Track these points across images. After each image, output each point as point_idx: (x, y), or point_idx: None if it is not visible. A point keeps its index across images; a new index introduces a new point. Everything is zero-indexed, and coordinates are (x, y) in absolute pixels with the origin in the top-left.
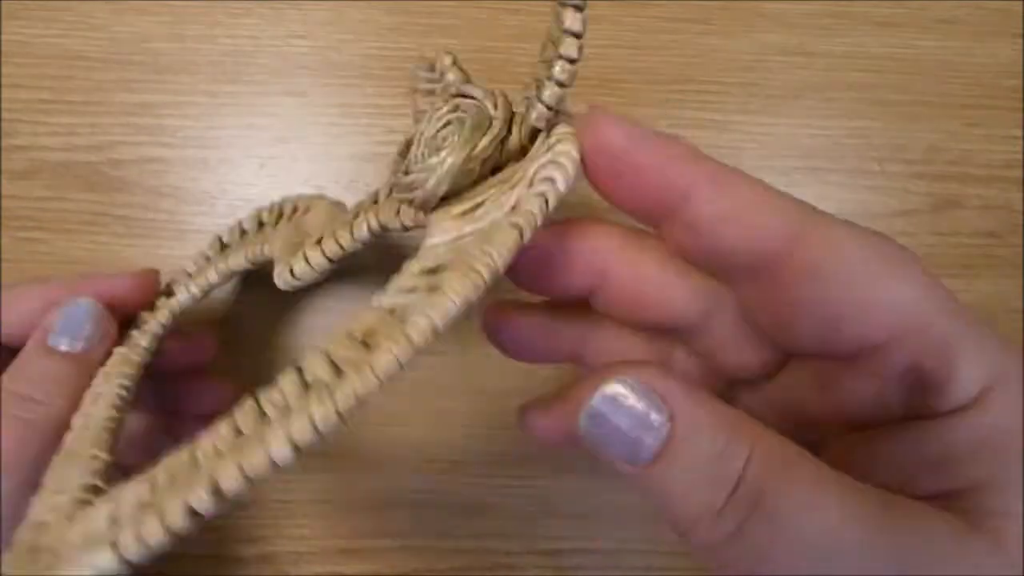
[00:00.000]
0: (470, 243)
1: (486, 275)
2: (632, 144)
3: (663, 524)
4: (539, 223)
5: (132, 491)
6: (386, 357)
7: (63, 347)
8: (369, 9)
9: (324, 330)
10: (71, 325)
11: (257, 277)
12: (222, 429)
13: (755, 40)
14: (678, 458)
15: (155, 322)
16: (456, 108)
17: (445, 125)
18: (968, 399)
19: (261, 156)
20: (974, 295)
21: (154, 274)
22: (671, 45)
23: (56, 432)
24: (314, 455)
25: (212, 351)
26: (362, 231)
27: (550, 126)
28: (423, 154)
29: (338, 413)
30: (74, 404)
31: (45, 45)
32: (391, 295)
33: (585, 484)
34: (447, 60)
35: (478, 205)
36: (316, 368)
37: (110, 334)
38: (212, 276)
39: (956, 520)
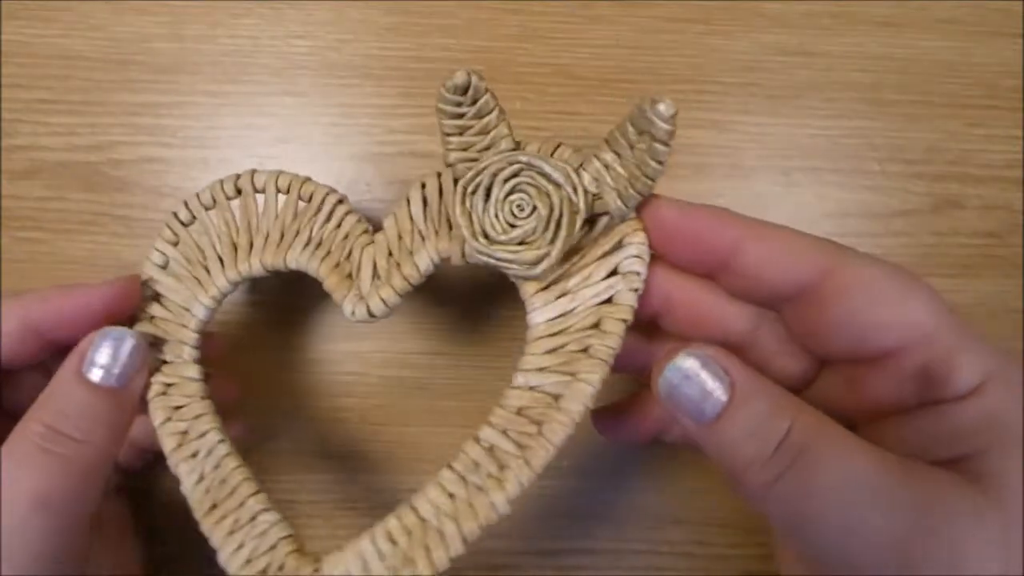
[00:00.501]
0: (582, 325)
1: (609, 362)
2: (683, 217)
3: (664, 525)
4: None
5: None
6: (558, 432)
7: (99, 379)
8: (369, 9)
9: (323, 331)
10: (109, 356)
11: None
12: (433, 493)
13: (755, 40)
14: (736, 418)
15: (187, 348)
16: (528, 175)
17: (513, 189)
18: (968, 390)
19: (261, 156)
20: (974, 295)
21: (135, 280)
22: (671, 45)
23: (96, 470)
24: (314, 455)
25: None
26: (427, 265)
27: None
28: (500, 222)
29: (535, 474)
30: (114, 441)
31: (45, 45)
32: (529, 375)
33: (585, 484)
34: (483, 91)
35: (565, 276)
36: (494, 439)
37: (148, 364)
38: (222, 284)
39: (962, 479)
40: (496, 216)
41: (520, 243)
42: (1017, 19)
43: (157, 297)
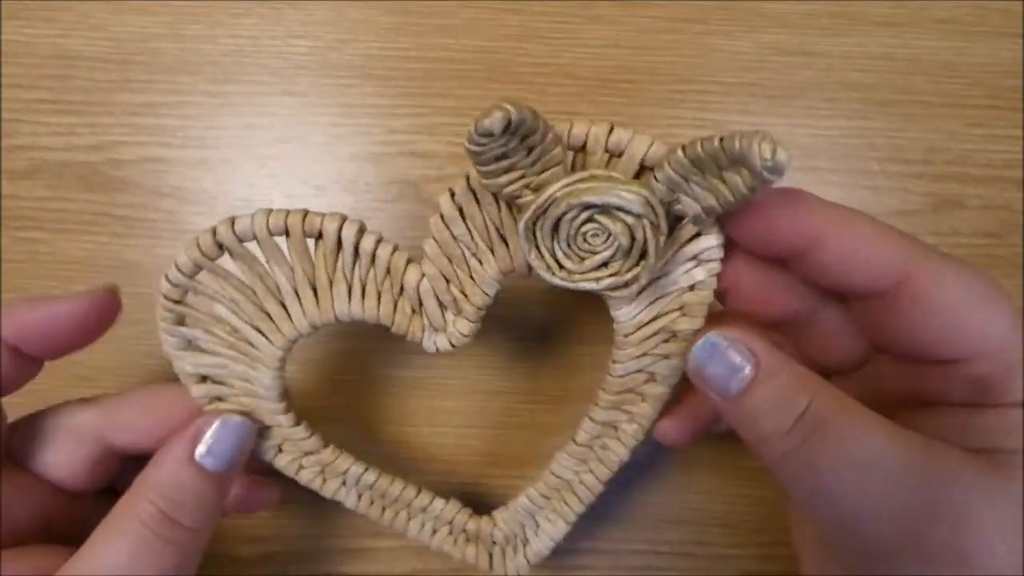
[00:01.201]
0: (668, 310)
1: (657, 410)
2: (762, 207)
3: (666, 526)
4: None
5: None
6: (659, 396)
7: (211, 467)
8: (369, 9)
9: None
10: (226, 445)
11: None
12: (566, 461)
13: (755, 40)
14: (759, 393)
15: (283, 412)
16: (599, 211)
17: (584, 222)
18: (1020, 400)
19: (261, 156)
20: None
21: (112, 291)
22: (671, 45)
23: (200, 552)
24: None
25: (273, 498)
26: (495, 288)
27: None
28: (575, 251)
29: (644, 431)
30: (215, 522)
31: (45, 45)
32: (628, 364)
33: None
34: (530, 120)
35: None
36: (605, 416)
37: (254, 442)
38: (276, 353)
39: (983, 463)
40: (569, 246)
41: (602, 265)
42: (1017, 19)
43: (204, 378)
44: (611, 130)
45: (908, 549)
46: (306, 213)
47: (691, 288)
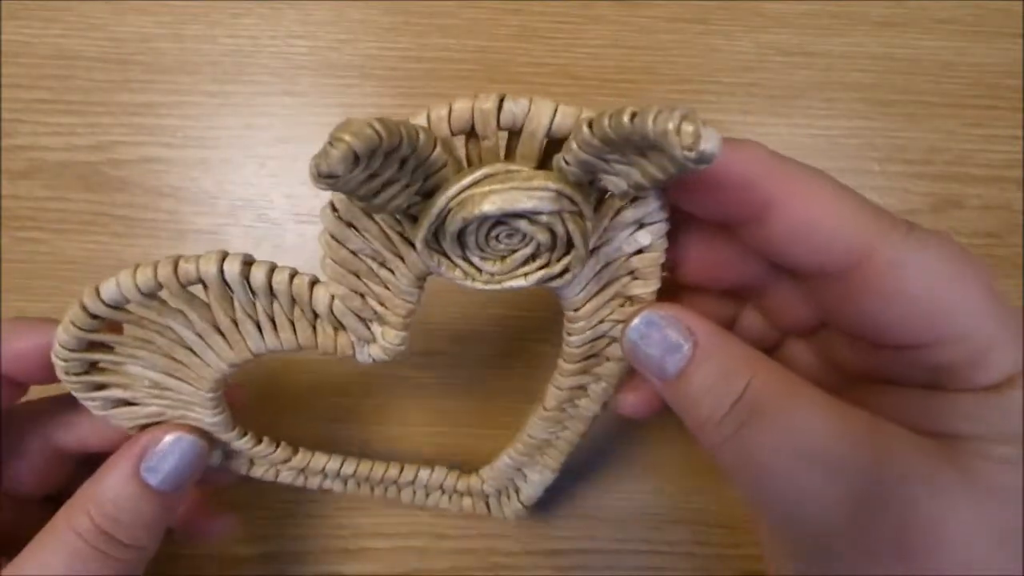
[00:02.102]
0: (618, 275)
1: (624, 369)
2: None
3: (665, 525)
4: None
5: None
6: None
7: (156, 484)
8: (369, 9)
9: None
10: (172, 466)
11: None
12: (538, 423)
13: (755, 40)
14: (695, 375)
15: (238, 438)
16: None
17: (499, 231)
18: (987, 386)
19: (261, 156)
20: None
21: (48, 332)
22: (671, 45)
23: (139, 569)
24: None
25: (230, 530)
26: (415, 294)
27: None
28: (491, 254)
29: (612, 388)
30: (158, 540)
31: (45, 45)
32: (584, 334)
33: (585, 484)
34: (396, 134)
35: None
36: (569, 382)
37: (205, 464)
38: (211, 374)
39: (932, 449)
40: (482, 250)
41: (528, 259)
42: (1017, 19)
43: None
44: (501, 103)
45: (852, 542)
46: (176, 262)
47: (639, 252)
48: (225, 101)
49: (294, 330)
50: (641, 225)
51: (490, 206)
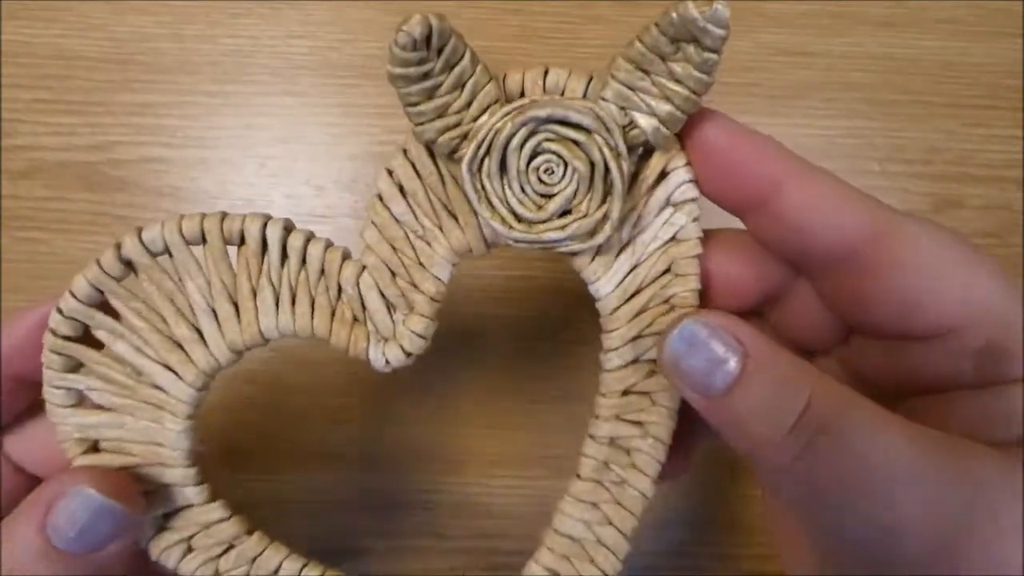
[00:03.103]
0: (654, 274)
1: (697, 305)
2: (728, 139)
3: (665, 526)
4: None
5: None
6: (672, 395)
7: (63, 545)
8: (369, 9)
9: None
10: (81, 524)
11: None
12: (573, 509)
13: (755, 40)
14: (748, 392)
15: (192, 482)
16: (546, 132)
17: (534, 153)
18: None
19: (261, 156)
20: None
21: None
22: None
23: None
24: (314, 455)
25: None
26: (448, 272)
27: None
28: (530, 196)
29: (666, 445)
30: None
31: (45, 45)
32: (622, 351)
33: None
34: (448, 33)
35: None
36: (610, 430)
37: (133, 526)
38: (189, 393)
39: (1013, 462)
40: (523, 190)
41: (564, 212)
42: (1017, 19)
43: (95, 446)
44: (546, 72)
45: (938, 569)
46: (224, 215)
47: (674, 239)
48: (225, 101)
49: (312, 308)
50: (673, 204)
51: (538, 110)
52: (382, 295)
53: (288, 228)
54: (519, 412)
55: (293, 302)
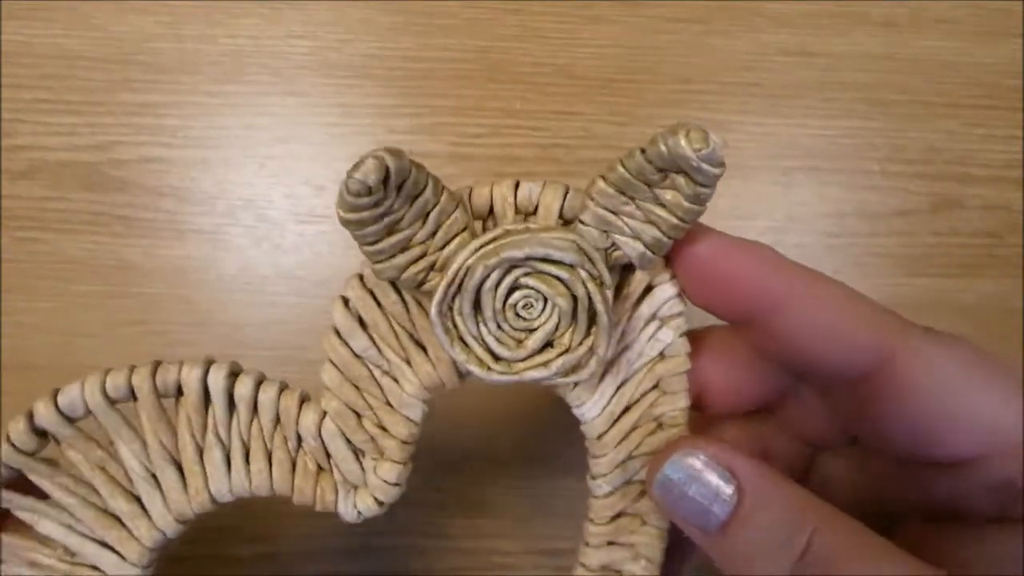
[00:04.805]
0: (642, 392)
1: (686, 424)
2: (718, 253)
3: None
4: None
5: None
6: (662, 521)
7: None
8: (369, 9)
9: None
10: None
11: None
12: None
13: (755, 40)
14: (747, 527)
15: None
16: (523, 268)
17: (510, 290)
18: None
19: (261, 156)
20: (974, 295)
21: None
22: (671, 45)
23: None
24: None
25: None
26: (421, 412)
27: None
28: (508, 332)
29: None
30: None
31: (45, 45)
32: (611, 477)
33: (585, 484)
34: (407, 168)
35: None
36: (602, 557)
37: None
38: (149, 535)
39: None
40: (499, 327)
41: (547, 345)
42: (1017, 19)
43: None
44: (517, 186)
45: None
46: (156, 366)
47: (661, 357)
48: (225, 101)
49: (269, 463)
50: (660, 320)
51: (510, 250)
52: (348, 442)
53: (234, 373)
54: (519, 412)
55: (247, 458)
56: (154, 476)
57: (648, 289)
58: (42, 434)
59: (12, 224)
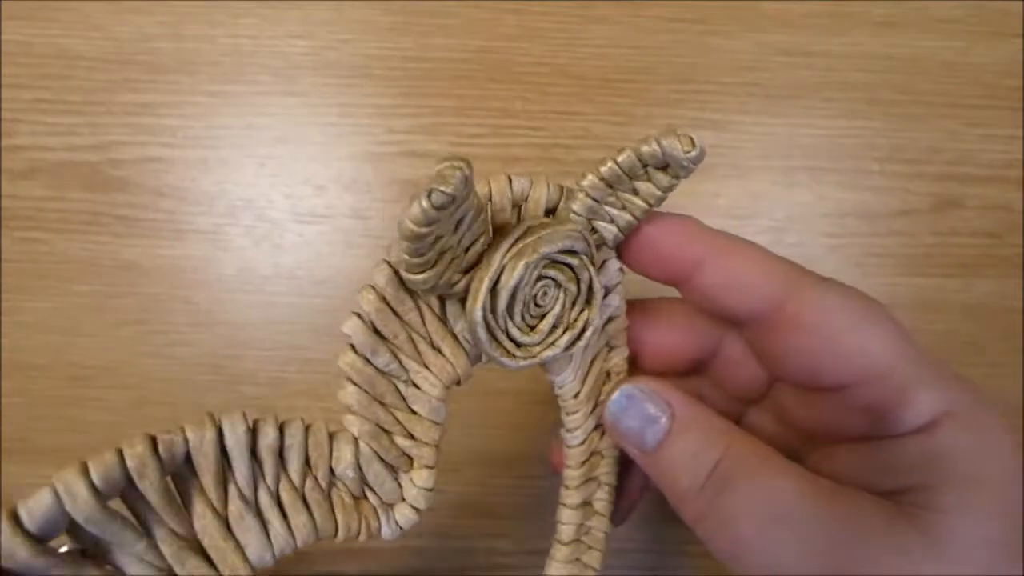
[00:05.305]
0: (597, 349)
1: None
2: (652, 228)
3: (664, 524)
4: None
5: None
6: (614, 466)
7: None
8: (369, 9)
9: (322, 330)
10: None
11: None
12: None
13: (755, 40)
14: (674, 447)
15: None
16: (555, 267)
17: (539, 288)
18: (917, 427)
19: (261, 156)
20: (974, 295)
21: None
22: (671, 45)
23: None
24: None
25: None
26: (443, 410)
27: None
28: (525, 322)
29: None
30: None
31: (45, 45)
32: (575, 492)
33: None
34: (466, 182)
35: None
36: (576, 517)
37: None
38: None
39: (894, 510)
40: (522, 318)
41: (555, 325)
42: (1017, 19)
43: None
44: (510, 180)
45: None
46: (152, 440)
47: (610, 319)
48: (225, 101)
49: (308, 510)
50: (608, 290)
51: (549, 245)
52: (383, 462)
53: (253, 429)
54: (519, 412)
55: (284, 514)
56: (172, 573)
57: (602, 264)
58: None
59: (12, 224)
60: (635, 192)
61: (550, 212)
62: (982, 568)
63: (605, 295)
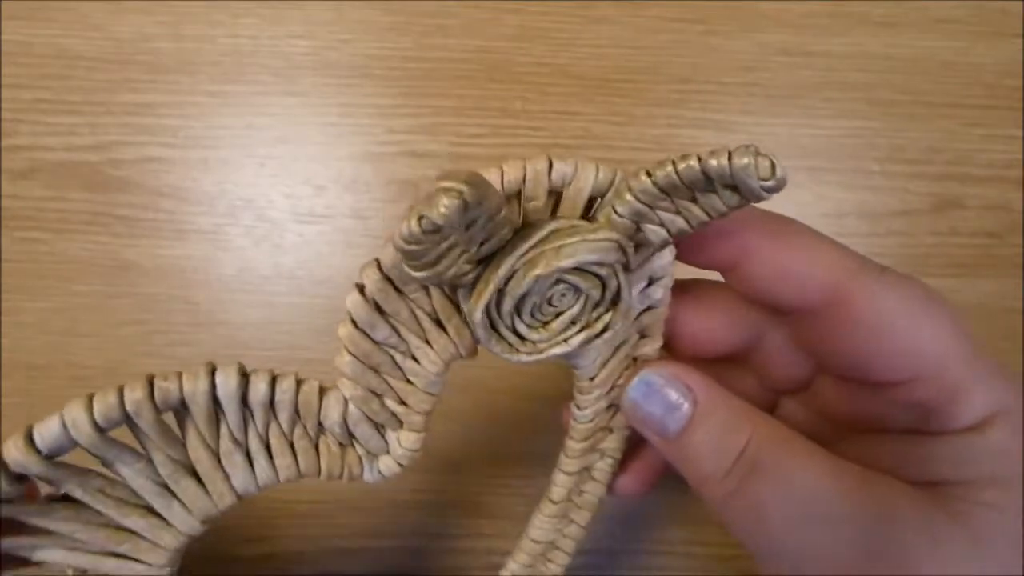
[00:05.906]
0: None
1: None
2: None
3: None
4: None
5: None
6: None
7: None
8: (369, 9)
9: (321, 330)
10: None
11: None
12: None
13: (755, 40)
14: (697, 433)
15: None
16: (578, 274)
17: (554, 291)
18: (968, 426)
19: (261, 156)
20: (974, 295)
21: None
22: (671, 45)
23: None
24: None
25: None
26: (439, 384)
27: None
28: (538, 319)
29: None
30: None
31: (45, 45)
32: (574, 461)
33: None
34: (485, 193)
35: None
36: (569, 483)
37: None
38: (173, 540)
39: (927, 499)
40: (533, 316)
41: (571, 322)
42: (1017, 19)
43: None
44: (551, 165)
45: None
46: (150, 382)
47: (648, 309)
48: (225, 101)
49: (294, 454)
50: (652, 280)
51: (564, 260)
52: (371, 422)
53: (244, 375)
54: (520, 412)
55: (270, 455)
56: (168, 488)
57: (651, 254)
58: (20, 478)
59: (12, 224)
60: (694, 201)
61: (593, 200)
62: (1017, 567)
63: (648, 285)
